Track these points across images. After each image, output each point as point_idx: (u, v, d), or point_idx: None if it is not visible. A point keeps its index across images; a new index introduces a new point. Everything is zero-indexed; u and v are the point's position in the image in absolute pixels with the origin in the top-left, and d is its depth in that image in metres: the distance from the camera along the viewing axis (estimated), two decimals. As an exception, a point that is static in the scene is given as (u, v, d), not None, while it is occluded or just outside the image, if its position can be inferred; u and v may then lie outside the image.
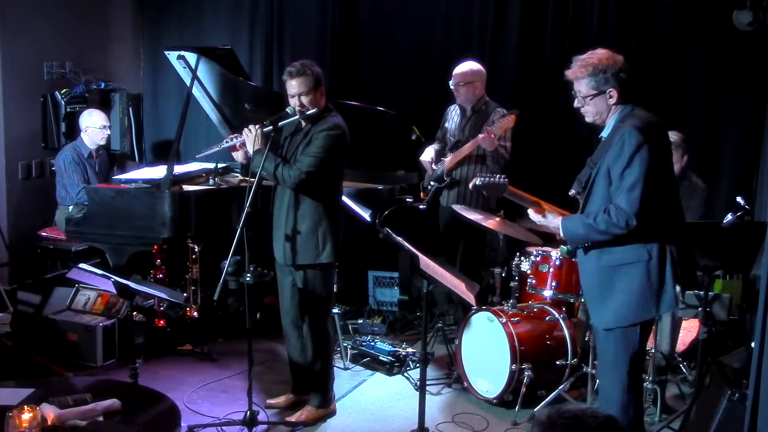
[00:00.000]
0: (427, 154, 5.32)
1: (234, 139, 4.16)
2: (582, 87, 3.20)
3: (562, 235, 3.27)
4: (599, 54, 3.19)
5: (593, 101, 3.20)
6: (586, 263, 3.31)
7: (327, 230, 4.03)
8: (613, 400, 3.26)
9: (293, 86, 3.95)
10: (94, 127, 5.78)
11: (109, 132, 5.91)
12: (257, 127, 3.99)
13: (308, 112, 3.96)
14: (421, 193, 5.35)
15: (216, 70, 5.29)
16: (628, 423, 3.24)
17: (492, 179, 3.39)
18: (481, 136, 4.93)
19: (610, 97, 3.17)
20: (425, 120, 5.70)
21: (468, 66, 5.23)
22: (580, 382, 4.41)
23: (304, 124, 4.05)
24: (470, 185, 3.41)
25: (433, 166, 5.29)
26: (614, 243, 3.15)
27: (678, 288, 3.35)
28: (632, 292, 3.17)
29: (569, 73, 3.23)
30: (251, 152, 3.99)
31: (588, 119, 3.28)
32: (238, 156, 4.20)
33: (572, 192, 3.36)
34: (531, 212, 3.36)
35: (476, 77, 5.20)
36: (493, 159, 5.06)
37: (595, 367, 3.86)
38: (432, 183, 5.27)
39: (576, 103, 3.27)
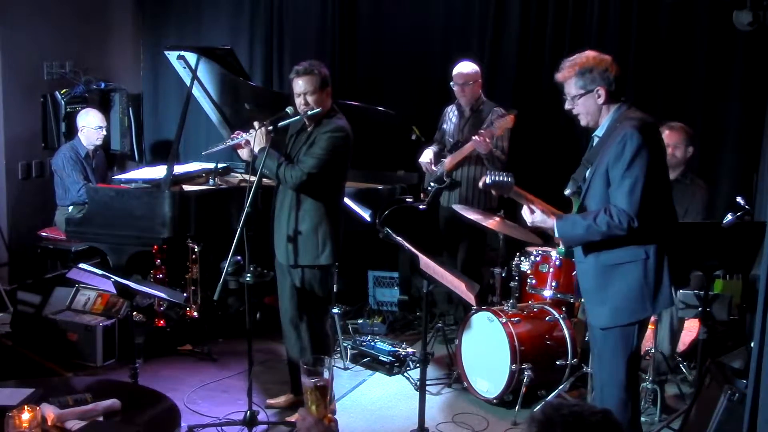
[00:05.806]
0: (426, 156, 5.32)
1: (240, 137, 4.14)
2: (570, 88, 3.24)
3: (556, 235, 3.26)
4: (586, 54, 3.24)
5: (581, 101, 3.22)
6: (583, 262, 3.31)
7: (327, 232, 4.03)
8: (610, 399, 3.25)
9: (299, 85, 3.94)
10: (90, 127, 5.77)
11: (105, 133, 5.89)
12: (262, 124, 3.98)
13: (311, 112, 3.96)
14: (422, 194, 5.35)
15: (216, 70, 5.29)
16: (625, 422, 3.24)
17: (500, 178, 3.35)
18: (476, 138, 4.92)
19: (599, 96, 3.19)
20: (425, 120, 5.70)
21: (470, 66, 5.22)
22: (580, 382, 4.41)
23: (308, 123, 4.05)
24: (480, 184, 3.39)
25: (433, 167, 5.29)
26: (612, 243, 3.15)
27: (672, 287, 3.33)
28: (629, 290, 3.17)
29: (559, 76, 3.27)
30: (256, 150, 3.99)
31: (582, 122, 3.30)
32: (243, 154, 4.14)
33: (567, 192, 3.37)
34: (524, 211, 3.32)
35: (478, 76, 5.22)
36: (488, 160, 5.06)
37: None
38: (432, 184, 5.28)
39: (567, 105, 3.29)
